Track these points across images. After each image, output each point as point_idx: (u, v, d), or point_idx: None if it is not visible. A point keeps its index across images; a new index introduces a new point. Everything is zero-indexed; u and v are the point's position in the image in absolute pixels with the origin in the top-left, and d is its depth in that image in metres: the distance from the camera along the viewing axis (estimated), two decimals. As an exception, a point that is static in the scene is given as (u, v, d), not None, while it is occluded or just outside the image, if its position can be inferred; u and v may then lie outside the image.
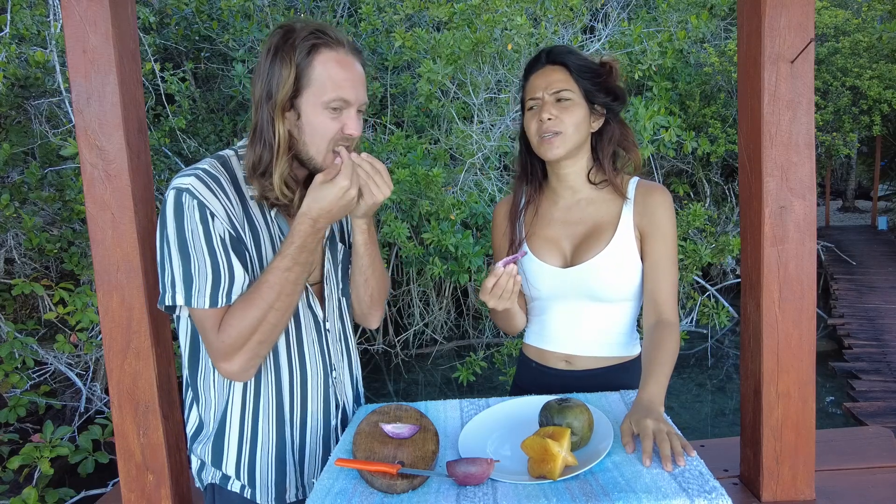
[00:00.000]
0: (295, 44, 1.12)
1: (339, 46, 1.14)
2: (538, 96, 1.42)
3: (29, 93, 4.44)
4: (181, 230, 1.09)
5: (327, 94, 1.13)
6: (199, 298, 1.10)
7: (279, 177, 1.14)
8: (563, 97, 1.40)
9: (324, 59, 1.13)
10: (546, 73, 1.43)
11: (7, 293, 4.42)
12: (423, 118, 5.83)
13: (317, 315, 1.27)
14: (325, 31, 1.14)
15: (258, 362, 1.16)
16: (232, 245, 1.12)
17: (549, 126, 1.40)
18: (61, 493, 3.40)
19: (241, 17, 5.52)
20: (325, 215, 1.12)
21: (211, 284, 1.10)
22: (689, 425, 5.38)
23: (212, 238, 1.10)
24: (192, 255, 1.10)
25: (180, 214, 1.09)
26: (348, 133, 1.16)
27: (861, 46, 8.74)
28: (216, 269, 1.10)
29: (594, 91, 1.42)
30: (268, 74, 1.13)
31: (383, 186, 1.17)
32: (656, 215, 1.42)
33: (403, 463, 1.06)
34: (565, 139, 1.40)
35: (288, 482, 1.25)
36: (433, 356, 6.91)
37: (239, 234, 1.14)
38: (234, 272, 1.12)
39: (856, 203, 17.61)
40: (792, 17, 1.18)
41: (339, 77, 1.13)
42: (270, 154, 1.14)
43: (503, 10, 4.46)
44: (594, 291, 1.43)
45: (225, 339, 1.11)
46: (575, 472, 1.00)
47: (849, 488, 1.30)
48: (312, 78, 1.12)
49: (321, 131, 1.15)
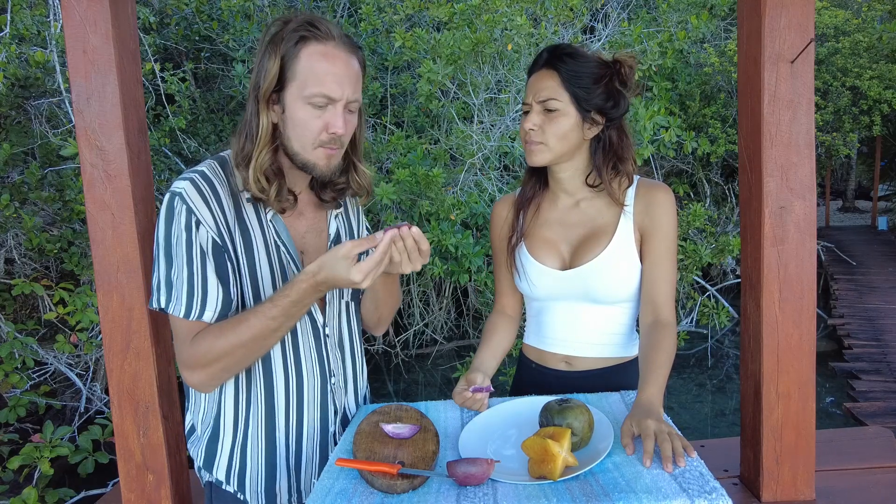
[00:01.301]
0: (284, 36, 1.09)
1: (328, 40, 1.10)
2: (528, 101, 1.40)
3: (29, 93, 4.44)
4: (168, 234, 1.11)
5: (308, 89, 1.09)
6: (176, 305, 1.11)
7: (255, 169, 1.12)
8: (549, 107, 1.36)
9: (310, 52, 1.10)
10: (539, 78, 1.39)
11: (7, 293, 4.42)
12: (423, 118, 5.82)
13: (316, 320, 1.26)
14: (315, 23, 1.10)
15: (221, 381, 1.17)
16: (214, 255, 1.12)
17: (531, 136, 1.39)
18: (61, 493, 3.39)
19: (241, 17, 5.52)
20: (331, 283, 1.09)
21: (186, 294, 1.11)
22: (688, 425, 5.38)
23: (192, 247, 1.10)
24: (174, 262, 1.11)
25: (170, 219, 1.11)
26: (332, 132, 1.13)
27: (861, 47, 8.74)
28: (191, 280, 1.10)
29: (587, 98, 1.36)
30: (258, 66, 1.12)
31: (417, 262, 1.12)
32: (658, 214, 1.41)
33: (404, 463, 1.06)
34: (547, 149, 1.38)
35: (278, 488, 1.24)
36: (433, 356, 6.91)
37: (225, 241, 1.13)
38: (208, 287, 1.11)
39: (856, 203, 17.61)
40: (792, 17, 1.18)
41: (322, 72, 1.10)
42: (252, 145, 1.13)
43: (503, 11, 4.46)
44: (593, 293, 1.43)
45: (192, 354, 1.11)
46: (575, 472, 1.00)
47: (849, 488, 1.30)
48: (297, 71, 1.09)
49: (303, 127, 1.12)
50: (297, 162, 1.17)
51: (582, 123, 1.39)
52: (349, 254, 1.06)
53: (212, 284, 1.12)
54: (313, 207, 1.29)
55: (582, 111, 1.37)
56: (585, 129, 1.40)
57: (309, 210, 1.28)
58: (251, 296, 1.17)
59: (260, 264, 1.18)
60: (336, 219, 1.32)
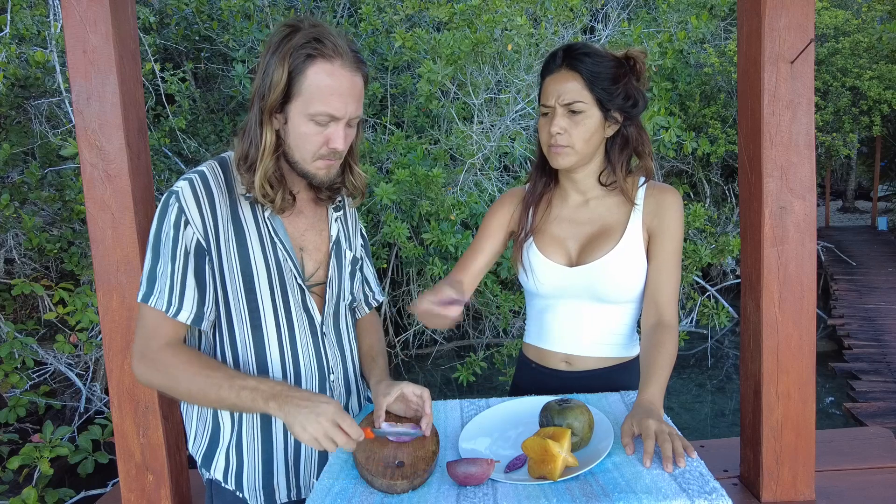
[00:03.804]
0: (292, 49, 1.11)
1: (336, 58, 1.12)
2: (550, 104, 1.38)
3: (29, 93, 4.44)
4: (159, 231, 1.14)
5: (313, 107, 1.12)
6: (157, 299, 1.13)
7: (261, 178, 1.15)
8: (574, 109, 1.35)
9: (316, 69, 1.11)
10: (559, 80, 1.37)
11: (7, 293, 4.43)
12: (423, 118, 5.82)
13: (313, 317, 1.27)
14: (324, 39, 1.11)
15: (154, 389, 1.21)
16: (196, 257, 1.14)
17: (558, 140, 1.38)
18: (61, 493, 3.40)
19: (241, 17, 5.52)
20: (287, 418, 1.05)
21: (168, 290, 1.13)
22: (688, 426, 5.38)
23: (178, 245, 1.13)
24: (161, 257, 1.14)
25: (162, 216, 1.14)
26: (332, 147, 1.16)
27: (861, 47, 8.75)
28: (172, 277, 1.13)
29: (609, 98, 1.36)
30: (264, 73, 1.13)
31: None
32: (667, 216, 1.41)
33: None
34: (574, 151, 1.38)
35: (276, 483, 1.24)
36: (433, 356, 6.91)
37: (209, 244, 1.15)
38: (186, 287, 1.14)
39: (856, 203, 17.62)
40: (792, 17, 1.18)
41: (328, 91, 1.12)
42: (256, 153, 1.15)
43: (503, 11, 4.47)
44: (599, 292, 1.43)
45: (157, 358, 1.12)
46: (575, 472, 1.00)
47: (849, 488, 1.30)
48: (303, 88, 1.11)
49: (305, 140, 1.15)
50: (297, 170, 1.20)
51: (604, 123, 1.39)
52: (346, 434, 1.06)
53: (189, 285, 1.14)
54: (312, 205, 1.30)
55: (604, 111, 1.37)
56: (606, 128, 1.40)
57: (308, 208, 1.29)
58: (243, 292, 1.18)
59: (255, 261, 1.19)
60: (336, 221, 1.33)
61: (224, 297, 1.18)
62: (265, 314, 1.20)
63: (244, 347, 1.20)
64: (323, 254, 1.29)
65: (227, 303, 1.18)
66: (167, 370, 1.12)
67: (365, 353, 1.42)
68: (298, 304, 1.24)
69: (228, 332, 1.19)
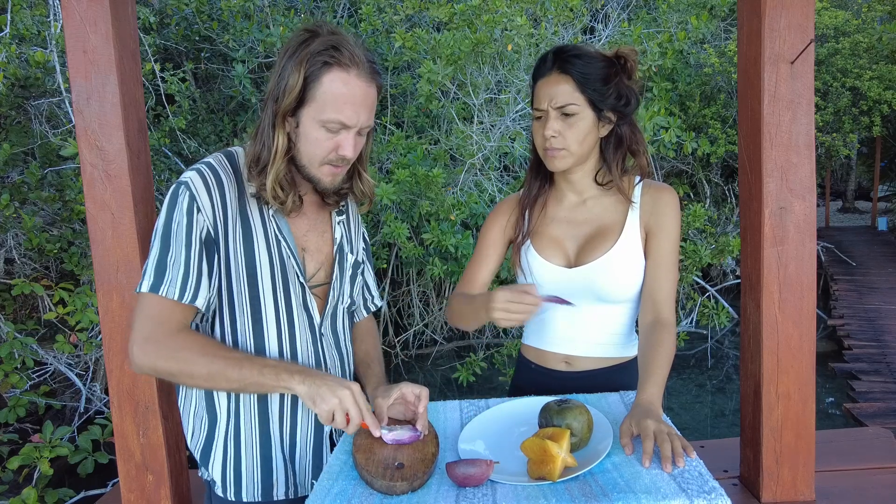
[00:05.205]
0: (309, 55, 1.11)
1: (352, 67, 1.13)
2: (543, 108, 1.38)
3: (29, 93, 4.44)
4: (169, 220, 1.13)
5: (326, 114, 1.13)
6: (169, 288, 1.10)
7: (272, 180, 1.16)
8: (567, 111, 1.36)
9: (332, 77, 1.12)
10: (551, 83, 1.37)
11: (7, 293, 4.43)
12: (423, 119, 5.83)
13: (312, 318, 1.27)
14: (342, 48, 1.12)
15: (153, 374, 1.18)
16: (206, 245, 1.14)
17: (553, 143, 1.38)
18: (61, 493, 3.40)
19: (241, 17, 5.52)
20: (309, 390, 1.09)
21: (182, 277, 1.11)
22: (688, 426, 5.38)
23: (192, 232, 1.12)
24: (172, 246, 1.12)
25: (173, 205, 1.13)
26: (342, 154, 1.17)
27: (861, 47, 8.75)
28: (188, 264, 1.12)
29: (602, 99, 1.36)
30: (279, 76, 1.14)
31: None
32: (664, 215, 1.41)
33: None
34: (570, 154, 1.38)
35: (275, 479, 1.25)
36: (433, 357, 6.91)
37: (218, 234, 1.15)
38: (202, 273, 1.13)
39: (856, 204, 17.62)
40: (792, 17, 1.18)
41: (342, 100, 1.13)
42: (268, 155, 1.16)
43: (503, 11, 4.47)
44: (599, 292, 1.43)
45: (168, 344, 1.10)
46: (574, 473, 1.00)
47: (849, 489, 1.30)
48: (317, 94, 1.12)
49: (314, 145, 1.16)
50: (303, 174, 1.21)
51: (597, 123, 1.39)
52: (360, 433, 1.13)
53: (204, 271, 1.14)
54: (316, 207, 1.31)
55: (597, 111, 1.37)
56: (600, 128, 1.41)
57: (311, 210, 1.30)
58: (246, 285, 1.19)
59: (259, 256, 1.20)
60: (340, 225, 1.34)
61: (228, 288, 1.18)
62: (266, 308, 1.20)
63: (244, 340, 1.20)
64: (324, 255, 1.30)
65: (231, 293, 1.19)
66: (179, 353, 1.10)
67: (360, 360, 1.43)
68: (300, 302, 1.24)
69: (230, 323, 1.20)
